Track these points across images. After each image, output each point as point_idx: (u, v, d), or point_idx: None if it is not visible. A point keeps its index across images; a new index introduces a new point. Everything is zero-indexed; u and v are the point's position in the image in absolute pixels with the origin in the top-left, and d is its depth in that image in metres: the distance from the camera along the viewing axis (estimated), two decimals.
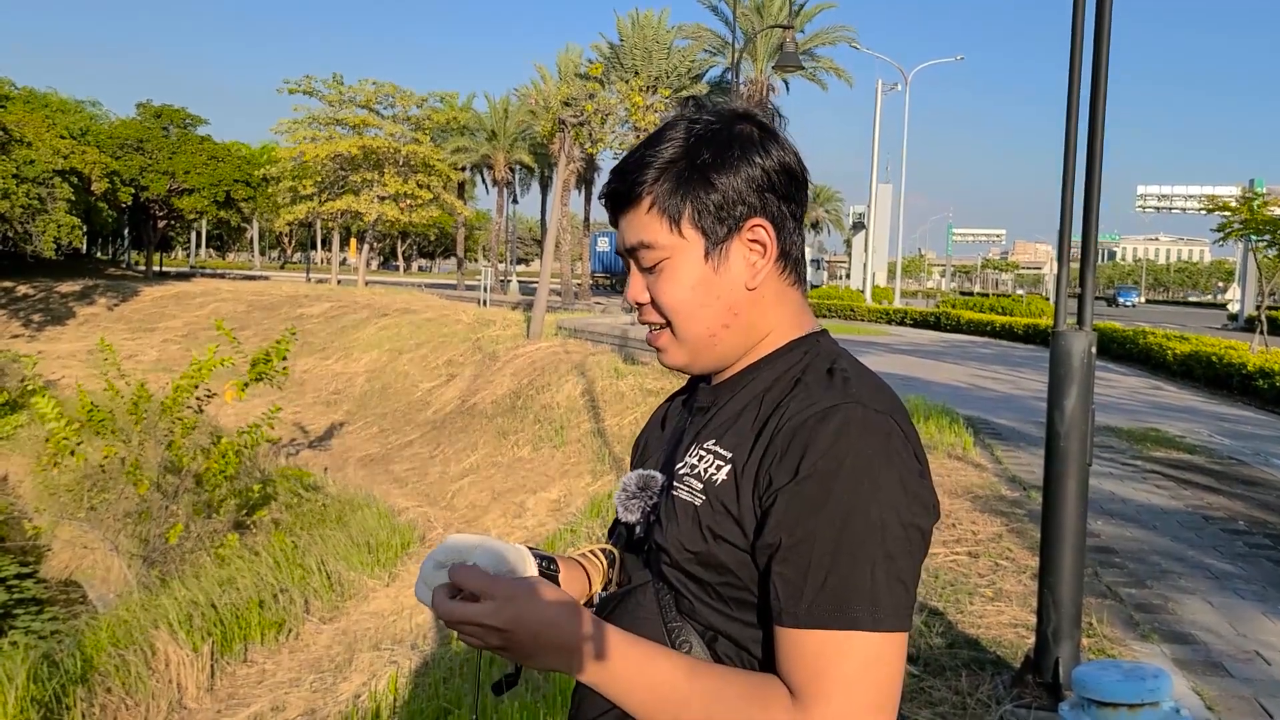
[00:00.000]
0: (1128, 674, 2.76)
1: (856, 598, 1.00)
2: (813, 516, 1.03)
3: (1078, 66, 3.98)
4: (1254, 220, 19.92)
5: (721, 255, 1.17)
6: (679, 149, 1.17)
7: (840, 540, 1.01)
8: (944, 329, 29.48)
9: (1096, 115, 3.85)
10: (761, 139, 1.18)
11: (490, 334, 19.19)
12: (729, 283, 1.18)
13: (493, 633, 1.04)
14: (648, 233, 1.18)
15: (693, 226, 1.16)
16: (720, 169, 1.16)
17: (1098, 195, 3.89)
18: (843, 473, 1.03)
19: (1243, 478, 8.41)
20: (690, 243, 1.17)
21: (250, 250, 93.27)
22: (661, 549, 1.16)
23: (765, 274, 1.18)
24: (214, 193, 40.87)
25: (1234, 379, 15.07)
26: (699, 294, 1.18)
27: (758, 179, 1.17)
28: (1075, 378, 3.84)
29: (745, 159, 1.16)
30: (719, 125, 1.18)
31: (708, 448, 1.16)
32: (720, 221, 1.16)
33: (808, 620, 1.01)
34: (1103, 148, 3.86)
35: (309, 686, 6.37)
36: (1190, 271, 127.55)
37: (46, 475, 13.01)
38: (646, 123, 17.32)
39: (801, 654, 1.02)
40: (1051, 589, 3.83)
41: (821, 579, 1.01)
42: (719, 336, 1.19)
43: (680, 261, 1.18)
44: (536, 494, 10.48)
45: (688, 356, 1.22)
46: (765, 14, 35.37)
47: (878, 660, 1.00)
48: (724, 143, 1.17)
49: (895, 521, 1.03)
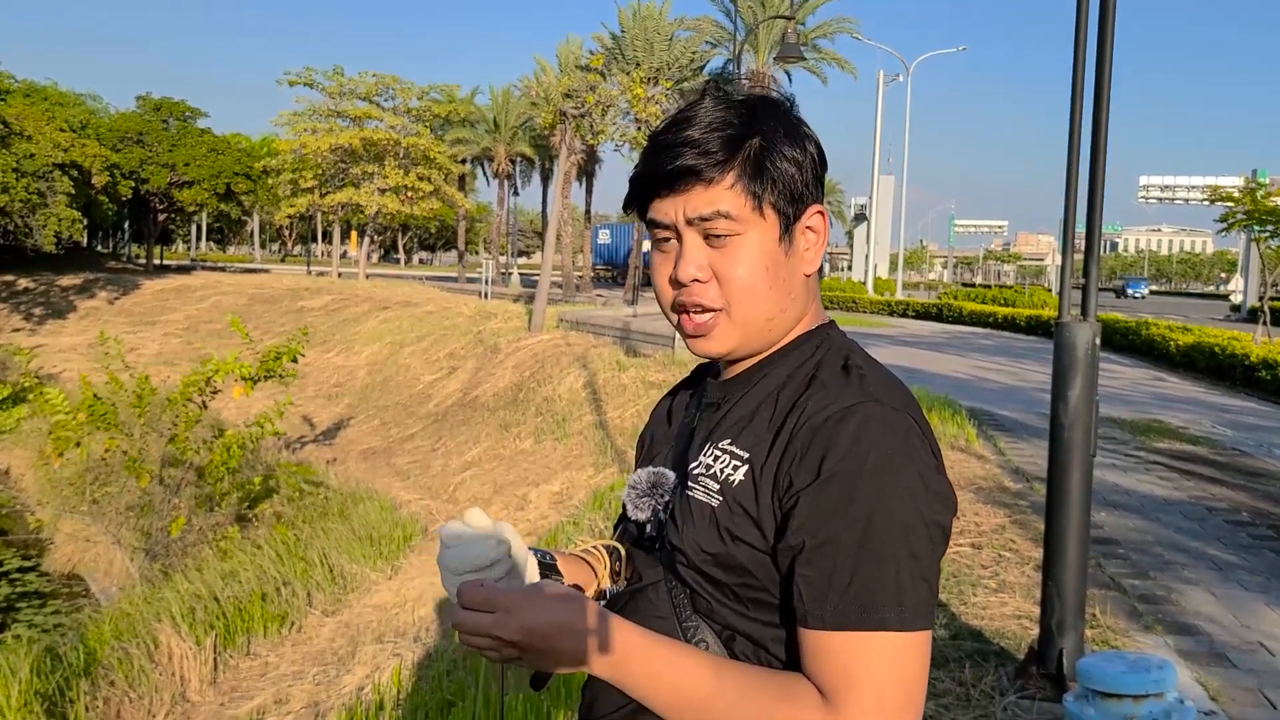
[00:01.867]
0: (1132, 665, 2.75)
1: (882, 598, 1.00)
2: (836, 518, 1.02)
3: (1081, 57, 3.96)
4: (1257, 211, 19.88)
5: (790, 239, 1.16)
6: (745, 126, 1.14)
7: (864, 541, 1.01)
8: (946, 320, 29.46)
9: (1100, 106, 3.84)
10: (803, 125, 1.19)
11: (491, 327, 19.20)
12: (793, 267, 1.17)
13: (505, 645, 1.04)
14: (729, 204, 1.13)
15: (772, 208, 1.14)
16: (796, 153, 1.15)
17: (1102, 186, 3.87)
18: (865, 473, 1.02)
19: (1246, 469, 8.40)
20: (769, 223, 1.14)
21: (251, 243, 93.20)
22: (678, 550, 1.15)
23: (820, 261, 1.20)
24: (214, 185, 40.88)
25: (1237, 370, 15.05)
26: (770, 276, 1.15)
27: (815, 162, 1.17)
28: (1079, 369, 3.83)
29: (805, 139, 1.17)
30: (771, 102, 1.17)
31: (723, 447, 1.15)
32: (793, 204, 1.15)
33: (834, 622, 1.01)
34: (1106, 139, 3.84)
35: (312, 679, 6.37)
36: (1193, 262, 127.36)
37: (49, 469, 13.03)
38: (648, 114, 17.28)
39: (829, 655, 1.02)
40: (1055, 580, 3.83)
41: (847, 580, 1.01)
42: (775, 321, 1.17)
43: (757, 240, 1.14)
44: (539, 486, 10.48)
45: (736, 341, 1.17)
46: (767, 5, 35.29)
47: (905, 659, 1.01)
48: (787, 122, 1.17)
49: (918, 520, 1.03)
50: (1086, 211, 3.90)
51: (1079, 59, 3.96)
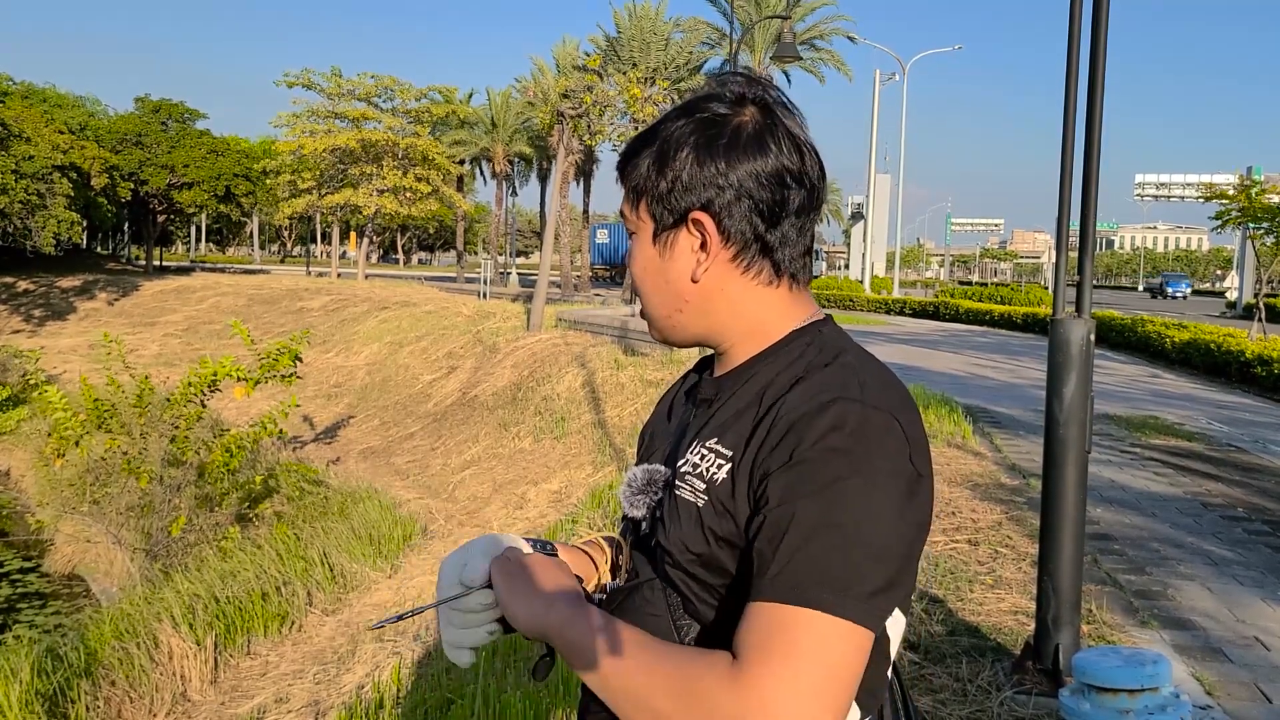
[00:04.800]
0: (1127, 660, 2.78)
1: (823, 579, 0.96)
2: (797, 499, 1.00)
3: (1075, 55, 3.98)
4: (1252, 208, 19.89)
5: (667, 244, 1.18)
6: (656, 131, 1.19)
7: (819, 522, 0.98)
8: (943, 318, 29.49)
9: (1094, 104, 3.86)
10: (758, 133, 1.14)
11: (490, 326, 19.20)
12: (675, 272, 1.18)
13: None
14: (625, 204, 1.22)
15: (646, 210, 1.18)
16: (675, 156, 1.15)
17: (1095, 183, 3.89)
18: (834, 462, 1.00)
19: (1241, 464, 8.43)
20: (645, 225, 1.19)
21: (250, 244, 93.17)
22: (665, 550, 1.14)
23: (711, 269, 1.16)
24: (213, 187, 40.88)
25: (1232, 366, 15.07)
26: (650, 276, 1.21)
27: (710, 172, 1.13)
28: (1074, 365, 3.85)
29: (721, 151, 1.13)
30: (703, 112, 1.17)
31: (710, 446, 1.13)
32: (668, 209, 1.16)
33: (768, 593, 0.98)
34: (1100, 136, 3.87)
35: (312, 678, 6.39)
36: (1189, 259, 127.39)
37: (49, 469, 13.04)
38: (645, 114, 17.29)
39: (754, 623, 0.98)
40: (1051, 576, 3.85)
41: (790, 555, 0.98)
42: (675, 320, 1.21)
43: (640, 241, 1.21)
44: (538, 485, 10.50)
45: (659, 332, 1.24)
46: (762, 5, 35.31)
47: (834, 646, 0.95)
48: (699, 130, 1.15)
49: (883, 517, 0.99)
50: (1080, 209, 3.93)
51: (1072, 56, 3.99)
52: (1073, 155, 4.03)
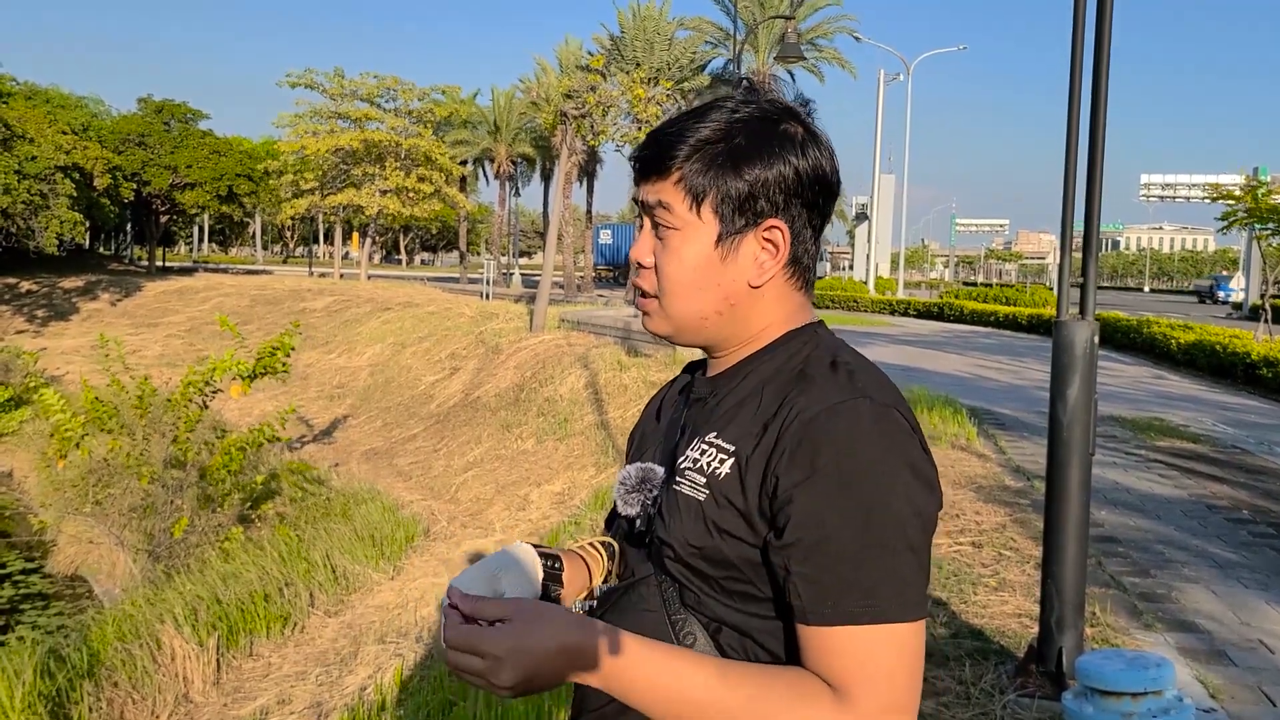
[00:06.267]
0: (1131, 663, 2.76)
1: (886, 592, 1.02)
2: (832, 514, 1.03)
3: (1080, 55, 3.97)
4: (1258, 209, 19.87)
5: (732, 246, 1.17)
6: (719, 131, 1.17)
7: (864, 536, 1.02)
8: (947, 319, 29.45)
9: (1098, 104, 3.85)
10: (804, 141, 1.18)
11: (493, 327, 19.18)
12: (733, 275, 1.18)
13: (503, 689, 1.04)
14: (670, 198, 1.18)
15: (712, 211, 1.17)
16: (753, 161, 1.15)
17: (1100, 184, 3.88)
18: (859, 468, 1.04)
19: (1247, 467, 8.40)
20: (706, 225, 1.17)
21: (253, 245, 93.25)
22: (665, 544, 1.16)
23: (772, 276, 1.18)
24: (216, 187, 40.89)
25: (1238, 368, 15.05)
26: (699, 276, 1.18)
27: (788, 181, 1.16)
28: (1078, 367, 3.84)
29: (781, 157, 1.16)
30: (763, 117, 1.18)
31: (710, 441, 1.16)
32: (740, 213, 1.16)
33: (837, 617, 1.02)
34: (1105, 136, 3.85)
35: (314, 680, 6.39)
36: (1195, 260, 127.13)
37: (51, 470, 13.04)
38: (648, 114, 17.27)
39: (838, 651, 1.03)
40: (1055, 578, 3.84)
41: (849, 576, 1.02)
42: (709, 321, 1.20)
43: (690, 239, 1.18)
44: (540, 486, 10.49)
45: (670, 329, 1.22)
46: (766, 5, 35.28)
47: (910, 648, 1.03)
48: (764, 136, 1.16)
49: (911, 512, 1.05)
50: (1084, 210, 3.91)
51: (1077, 56, 3.97)
52: (1077, 155, 4.01)
